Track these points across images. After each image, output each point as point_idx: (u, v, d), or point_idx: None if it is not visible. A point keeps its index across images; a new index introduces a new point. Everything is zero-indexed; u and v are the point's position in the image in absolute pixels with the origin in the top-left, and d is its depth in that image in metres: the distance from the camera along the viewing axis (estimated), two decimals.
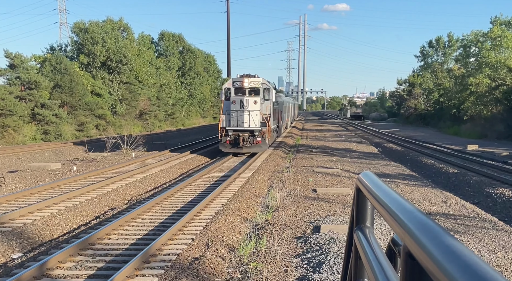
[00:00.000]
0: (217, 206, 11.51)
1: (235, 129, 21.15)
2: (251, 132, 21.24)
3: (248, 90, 21.97)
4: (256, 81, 22.14)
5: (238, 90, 22.01)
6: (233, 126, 21.16)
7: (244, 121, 21.11)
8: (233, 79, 22.47)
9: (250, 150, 21.67)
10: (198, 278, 6.62)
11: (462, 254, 0.81)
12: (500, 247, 8.14)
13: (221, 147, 21.70)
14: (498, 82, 37.60)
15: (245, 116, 21.08)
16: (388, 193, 1.43)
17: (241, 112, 21.10)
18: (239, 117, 21.12)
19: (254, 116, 21.07)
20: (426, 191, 13.84)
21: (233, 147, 21.41)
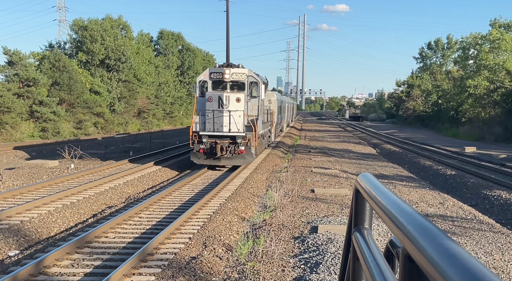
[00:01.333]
0: (215, 205, 11.50)
1: (211, 134, 16.44)
2: (232, 139, 16.52)
3: (229, 84, 17.33)
4: (240, 72, 17.27)
5: (216, 84, 17.36)
6: (209, 130, 16.46)
7: (223, 124, 16.35)
8: (211, 70, 17.46)
9: (230, 162, 16.96)
10: (195, 277, 6.62)
11: (460, 257, 0.81)
12: (497, 249, 8.16)
13: (193, 157, 16.91)
14: (497, 84, 37.67)
15: (224, 118, 16.30)
16: (387, 194, 1.43)
17: (219, 112, 16.33)
18: (216, 119, 16.33)
19: (236, 118, 16.39)
20: (424, 192, 13.86)
21: (208, 158, 16.72)
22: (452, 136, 41.49)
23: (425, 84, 61.22)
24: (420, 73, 66.15)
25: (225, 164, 17.10)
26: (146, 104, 47.20)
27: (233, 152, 16.59)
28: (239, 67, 17.75)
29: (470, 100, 40.37)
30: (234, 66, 17.61)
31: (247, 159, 16.84)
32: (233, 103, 16.39)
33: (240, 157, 16.73)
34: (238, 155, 16.62)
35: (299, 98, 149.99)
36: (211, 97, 16.42)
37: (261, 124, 18.80)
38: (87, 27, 40.62)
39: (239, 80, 17.41)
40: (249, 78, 17.48)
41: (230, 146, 16.56)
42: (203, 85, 17.55)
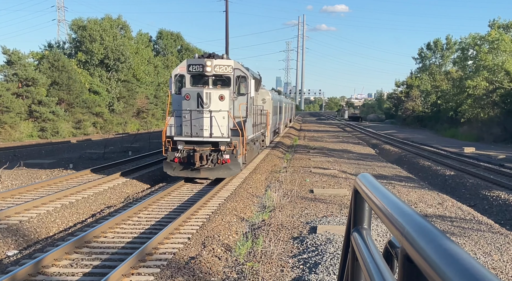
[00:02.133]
0: (214, 205, 11.50)
1: (189, 140, 13.74)
2: (215, 146, 13.78)
3: (212, 79, 14.57)
4: (224, 64, 14.38)
5: (196, 79, 14.73)
6: (186, 135, 13.77)
7: (203, 127, 13.68)
8: (189, 62, 14.61)
9: (212, 174, 14.22)
10: (194, 278, 6.62)
11: (460, 257, 0.81)
12: (495, 250, 8.17)
13: (166, 167, 14.05)
14: (496, 85, 37.71)
15: (204, 120, 13.62)
16: (386, 195, 1.44)
17: (198, 113, 13.61)
18: (195, 121, 13.62)
19: (219, 120, 13.69)
20: (423, 193, 13.87)
21: (185, 169, 13.94)
22: (451, 136, 41.52)
23: (424, 84, 61.28)
24: (419, 74, 66.22)
25: (206, 176, 14.27)
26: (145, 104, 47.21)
27: (215, 162, 13.71)
28: (223, 58, 14.61)
29: (469, 101, 40.42)
30: (217, 57, 14.53)
31: (232, 170, 13.94)
32: (216, 102, 13.59)
33: (224, 168, 13.83)
34: (221, 165, 13.76)
35: (298, 99, 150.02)
36: (188, 95, 13.51)
37: (251, 127, 15.79)
38: (86, 27, 40.61)
39: (223, 74, 14.47)
40: (235, 72, 14.51)
41: (212, 154, 13.68)
42: (180, 80, 14.66)
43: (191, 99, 13.57)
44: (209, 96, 13.60)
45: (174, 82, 14.73)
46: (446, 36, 65.64)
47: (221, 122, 13.73)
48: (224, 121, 13.75)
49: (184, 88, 14.05)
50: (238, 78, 14.67)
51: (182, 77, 14.64)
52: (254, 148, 17.69)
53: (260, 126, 19.37)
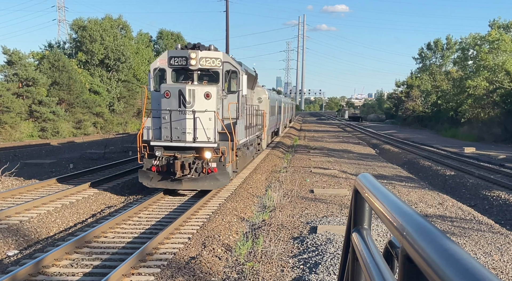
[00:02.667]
0: (215, 205, 11.50)
1: (168, 146, 11.92)
2: (199, 153, 11.95)
3: (197, 74, 12.74)
4: (211, 57, 12.59)
5: (179, 74, 13.10)
6: (165, 139, 11.98)
7: (186, 130, 11.84)
8: (170, 54, 12.74)
9: (196, 186, 12.17)
10: (195, 277, 6.62)
11: (460, 257, 0.81)
12: (496, 250, 8.16)
13: (142, 177, 12.11)
14: (496, 85, 37.70)
15: (187, 122, 11.79)
16: (386, 195, 1.44)
17: (180, 114, 11.82)
18: (176, 123, 11.83)
19: (205, 122, 11.87)
20: (423, 193, 13.87)
21: (164, 179, 12.00)
22: (451, 136, 41.51)
23: (425, 84, 61.26)
24: (419, 74, 66.20)
25: (189, 187, 12.25)
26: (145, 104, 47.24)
27: (200, 171, 11.88)
28: (211, 49, 12.77)
29: (470, 101, 40.41)
30: (203, 48, 12.65)
31: (220, 180, 11.97)
32: (201, 101, 11.78)
33: (211, 178, 11.90)
34: (207, 174, 11.89)
35: (299, 99, 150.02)
36: (168, 92, 11.75)
37: (243, 130, 14.01)
38: (86, 27, 40.63)
39: (210, 68, 12.67)
40: (224, 66, 12.74)
41: (196, 162, 11.83)
42: (161, 75, 12.88)
43: (171, 98, 11.75)
44: (192, 94, 11.74)
45: (154, 77, 12.89)
46: (447, 36, 65.73)
47: (207, 124, 11.82)
48: (210, 124, 11.83)
49: (164, 85, 12.10)
50: (227, 73, 12.81)
51: (162, 71, 12.82)
52: (247, 153, 15.55)
53: (255, 129, 17.49)
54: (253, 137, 17.10)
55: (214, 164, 11.99)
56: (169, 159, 11.97)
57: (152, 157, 11.97)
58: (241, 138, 13.54)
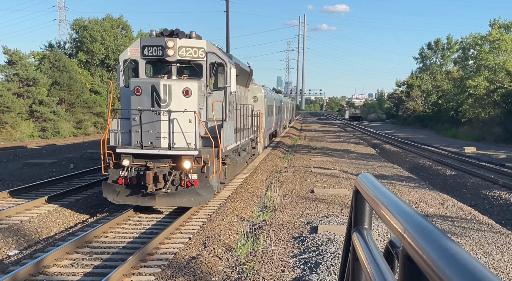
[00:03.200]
0: (215, 205, 11.50)
1: (139, 153, 9.94)
2: (176, 162, 9.96)
3: (176, 66, 10.91)
4: (194, 46, 10.69)
5: (155, 67, 11.20)
6: (136, 145, 10.03)
7: (161, 135, 9.91)
8: (144, 42, 10.81)
9: (172, 202, 10.10)
10: (195, 277, 6.62)
11: (460, 257, 0.81)
12: (496, 250, 8.16)
13: (107, 191, 10.08)
14: (496, 85, 37.69)
15: (162, 125, 9.87)
16: (387, 194, 1.44)
17: (153, 115, 9.89)
18: (147, 126, 9.92)
19: (184, 125, 9.96)
20: (424, 192, 13.87)
21: (134, 194, 9.95)
22: (452, 136, 41.50)
23: (425, 84, 61.26)
24: (420, 74, 66.21)
25: (163, 204, 10.19)
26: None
27: (177, 184, 9.91)
28: (192, 37, 10.82)
29: (470, 101, 40.40)
30: (182, 36, 10.65)
31: (202, 195, 9.94)
32: (178, 99, 9.85)
33: (190, 193, 9.87)
34: (186, 188, 9.89)
35: (299, 99, 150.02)
36: (138, 88, 9.79)
37: (232, 133, 12.10)
38: (87, 27, 40.67)
39: (192, 60, 10.74)
40: (209, 57, 10.82)
41: (173, 173, 9.84)
42: (134, 68, 10.96)
43: (142, 95, 9.81)
44: (168, 90, 9.78)
45: (124, 70, 10.91)
46: (447, 36, 65.70)
47: (186, 127, 9.90)
48: (190, 126, 9.88)
49: (134, 79, 10.20)
50: (212, 66, 10.86)
51: (134, 64, 10.89)
52: (238, 160, 13.49)
53: (249, 131, 15.72)
54: (246, 141, 15.19)
55: (194, 176, 9.94)
56: (139, 169, 9.92)
57: (118, 167, 9.95)
58: (230, 143, 11.68)
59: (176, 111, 9.78)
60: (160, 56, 10.67)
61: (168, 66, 10.97)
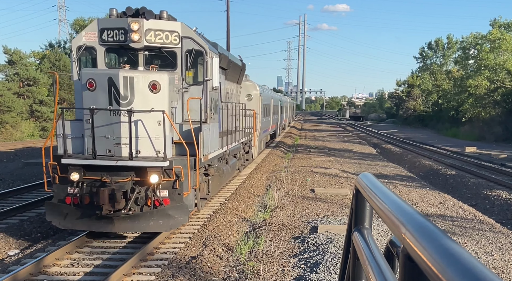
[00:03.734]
0: (215, 205, 11.50)
1: (91, 164, 8.03)
2: (140, 175, 8.07)
3: (143, 55, 9.06)
4: (165, 29, 8.87)
5: (116, 55, 9.51)
6: (88, 155, 8.18)
7: (121, 140, 8.07)
8: (102, 24, 8.90)
9: (136, 227, 8.12)
10: (195, 277, 6.63)
11: (461, 257, 0.81)
12: (497, 249, 8.16)
13: (51, 214, 8.19)
14: (497, 84, 37.67)
15: (122, 128, 8.04)
16: (387, 194, 1.44)
17: (111, 115, 8.07)
18: (103, 129, 8.11)
19: (150, 128, 8.16)
20: (424, 192, 13.86)
21: (85, 217, 8.01)
22: (452, 136, 41.49)
23: (426, 84, 61.23)
24: (420, 73, 66.18)
25: (123, 230, 8.23)
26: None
27: (142, 203, 7.98)
28: (163, 18, 8.95)
29: (471, 100, 40.39)
30: (150, 16, 8.74)
31: (174, 217, 7.97)
32: (144, 95, 8.01)
33: (159, 214, 7.93)
34: (154, 209, 7.94)
35: (299, 98, 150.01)
36: (92, 82, 7.94)
37: (216, 138, 10.20)
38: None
39: (163, 46, 8.89)
40: (185, 43, 8.99)
41: (136, 190, 7.91)
42: (93, 58, 9.06)
43: (97, 90, 7.94)
44: (130, 84, 7.89)
45: (77, 60, 8.95)
46: (447, 35, 65.57)
47: (154, 131, 8.04)
48: (159, 130, 8.01)
49: (85, 70, 8.29)
50: (189, 54, 8.99)
51: (91, 51, 9.00)
52: (225, 170, 11.44)
53: (240, 134, 14.03)
54: (236, 146, 13.42)
55: (164, 193, 8.00)
56: (92, 185, 7.92)
57: (64, 183, 8.02)
58: (213, 150, 9.73)
59: (141, 110, 7.89)
60: (122, 42, 8.67)
61: (133, 54, 8.99)
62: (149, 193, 7.97)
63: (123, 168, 7.91)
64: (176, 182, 8.07)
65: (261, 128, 20.57)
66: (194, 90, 9.24)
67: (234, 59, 13.30)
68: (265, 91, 22.88)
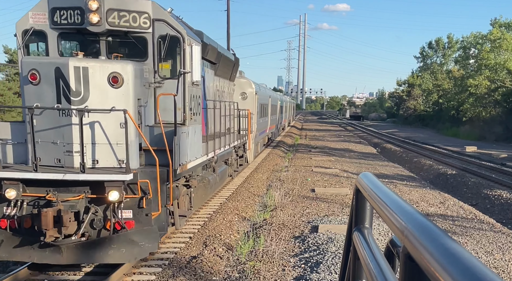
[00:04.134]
0: (216, 204, 11.50)
1: (33, 179, 6.34)
2: (97, 192, 6.44)
3: (105, 41, 7.56)
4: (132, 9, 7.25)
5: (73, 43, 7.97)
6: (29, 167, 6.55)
7: (73, 148, 6.55)
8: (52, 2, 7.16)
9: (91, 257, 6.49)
10: (196, 277, 6.63)
11: (461, 256, 0.81)
12: (497, 249, 8.16)
13: None
14: (497, 84, 37.66)
15: (73, 132, 6.52)
16: (387, 194, 1.44)
17: (60, 116, 6.57)
18: (49, 133, 6.63)
19: (110, 131, 6.69)
20: (424, 192, 13.87)
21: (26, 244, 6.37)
22: (453, 136, 41.48)
23: (426, 83, 61.21)
24: (420, 73, 66.17)
25: (74, 261, 6.59)
26: None
27: (99, 227, 6.51)
28: None
29: (471, 100, 40.38)
30: None
31: (139, 244, 6.57)
32: (101, 90, 6.66)
33: (121, 241, 6.50)
34: (115, 234, 6.51)
35: (300, 98, 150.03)
36: (35, 74, 6.56)
37: (197, 143, 8.52)
38: None
39: (129, 30, 7.35)
40: (157, 27, 7.45)
41: (93, 210, 6.46)
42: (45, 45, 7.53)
43: (42, 83, 6.55)
44: (83, 77, 6.47)
45: (23, 47, 7.46)
46: (448, 35, 65.59)
47: (116, 135, 6.62)
48: (120, 134, 6.53)
49: (26, 59, 6.86)
50: (163, 41, 7.43)
51: (40, 36, 7.45)
52: (212, 179, 10.02)
53: (232, 137, 12.65)
54: (227, 151, 12.02)
55: (128, 213, 6.50)
56: (35, 205, 6.42)
57: (2, 200, 6.41)
58: (194, 157, 8.20)
59: (98, 110, 6.45)
60: (79, 25, 7.07)
61: (94, 41, 7.47)
62: (108, 213, 6.41)
63: (74, 182, 6.31)
64: (142, 200, 6.53)
65: (258, 129, 19.15)
66: (169, 85, 7.53)
67: (225, 52, 11.98)
68: (262, 90, 21.47)
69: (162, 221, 6.99)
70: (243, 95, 16.62)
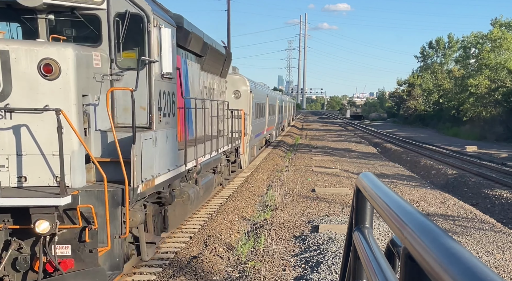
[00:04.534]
0: (216, 204, 11.50)
1: None
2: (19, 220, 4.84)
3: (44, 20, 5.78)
4: None
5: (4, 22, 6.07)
6: None
7: None
8: None
9: None
10: (196, 277, 6.63)
11: (462, 256, 0.81)
12: (498, 249, 8.16)
13: None
14: (498, 84, 37.65)
15: None
16: (388, 194, 1.44)
17: None
18: None
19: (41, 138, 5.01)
20: (425, 191, 13.86)
21: None
22: (453, 135, 41.47)
23: (426, 83, 61.20)
24: (421, 73, 66.16)
25: None
26: None
27: (25, 268, 4.97)
28: None
29: (471, 100, 40.37)
30: None
31: None
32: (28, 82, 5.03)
33: None
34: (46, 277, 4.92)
35: (300, 98, 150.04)
36: None
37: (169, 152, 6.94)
38: None
39: (76, 5, 5.78)
40: (113, 3, 5.89)
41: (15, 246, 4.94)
42: None
43: None
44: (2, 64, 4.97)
45: None
46: (448, 34, 65.40)
47: (49, 144, 5.10)
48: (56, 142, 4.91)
49: None
50: (121, 20, 5.91)
51: None
52: (193, 194, 8.39)
53: (222, 141, 11.16)
54: (215, 157, 10.43)
55: (65, 249, 5.05)
56: None
57: None
58: (166, 169, 6.68)
59: (24, 109, 4.99)
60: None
61: (30, 20, 5.89)
62: (36, 250, 4.93)
63: None
64: (84, 231, 4.99)
65: (253, 131, 17.54)
66: (132, 78, 5.81)
67: (214, 44, 10.39)
68: (258, 88, 19.46)
69: (116, 257, 5.39)
70: (236, 94, 15.23)
